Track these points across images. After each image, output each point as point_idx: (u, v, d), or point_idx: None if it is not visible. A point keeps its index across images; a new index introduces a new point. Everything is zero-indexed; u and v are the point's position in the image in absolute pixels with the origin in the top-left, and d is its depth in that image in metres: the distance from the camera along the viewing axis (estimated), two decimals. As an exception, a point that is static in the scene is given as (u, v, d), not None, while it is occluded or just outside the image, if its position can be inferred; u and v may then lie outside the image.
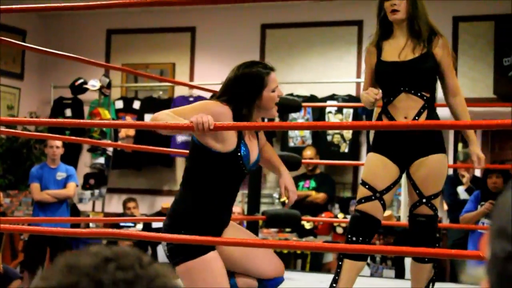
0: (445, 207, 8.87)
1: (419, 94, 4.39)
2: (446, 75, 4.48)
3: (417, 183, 4.41)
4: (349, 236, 4.38)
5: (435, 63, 4.43)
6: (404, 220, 7.91)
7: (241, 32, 10.69)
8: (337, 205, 9.81)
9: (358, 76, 10.07)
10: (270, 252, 4.07)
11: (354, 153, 10.01)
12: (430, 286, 4.56)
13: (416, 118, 4.38)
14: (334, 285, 4.39)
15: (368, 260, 8.17)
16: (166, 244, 3.81)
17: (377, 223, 4.41)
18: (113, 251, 1.12)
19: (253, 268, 3.95)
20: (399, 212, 8.79)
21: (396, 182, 4.46)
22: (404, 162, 4.44)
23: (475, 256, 3.38)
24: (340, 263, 4.39)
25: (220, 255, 3.79)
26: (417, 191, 4.41)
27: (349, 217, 8.80)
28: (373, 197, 4.38)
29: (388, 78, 4.48)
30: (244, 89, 3.80)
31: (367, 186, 4.40)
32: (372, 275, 7.91)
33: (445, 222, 8.93)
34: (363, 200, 4.39)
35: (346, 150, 10.00)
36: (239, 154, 3.79)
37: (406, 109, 4.40)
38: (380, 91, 4.41)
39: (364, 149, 9.95)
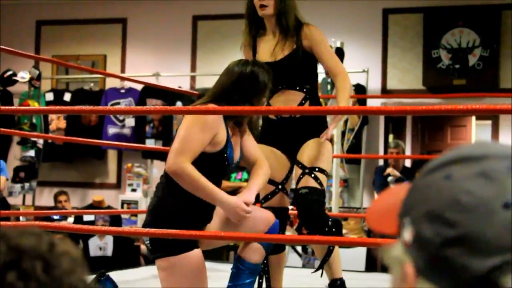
0: (376, 197, 8.99)
1: (297, 88, 4.41)
2: (322, 60, 4.42)
3: (299, 159, 4.37)
4: None
5: (307, 55, 4.41)
6: (335, 212, 7.98)
7: (173, 24, 10.65)
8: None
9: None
10: (257, 209, 4.09)
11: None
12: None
13: None
14: (260, 281, 4.43)
15: (300, 251, 8.23)
16: (149, 238, 3.80)
17: (287, 211, 4.53)
18: (15, 251, 1.02)
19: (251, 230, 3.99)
20: (330, 203, 8.87)
21: (291, 169, 4.50)
22: (291, 150, 4.46)
23: (376, 244, 3.42)
24: (265, 261, 4.43)
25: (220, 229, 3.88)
26: (300, 165, 4.36)
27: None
28: (276, 190, 4.45)
29: None
30: (248, 88, 3.84)
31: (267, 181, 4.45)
32: (304, 266, 7.96)
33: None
34: (269, 196, 4.45)
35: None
36: (225, 155, 3.80)
37: (287, 102, 4.41)
38: None
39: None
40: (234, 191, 8.91)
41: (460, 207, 0.89)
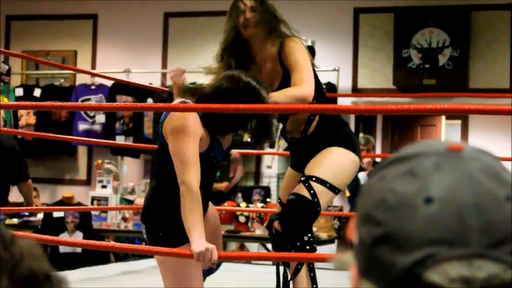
0: (347, 193, 9.01)
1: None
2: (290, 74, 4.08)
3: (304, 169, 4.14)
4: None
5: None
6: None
7: (144, 20, 10.63)
8: (239, 194, 9.86)
9: (261, 65, 10.14)
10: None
11: (257, 142, 10.05)
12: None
13: (307, 127, 4.19)
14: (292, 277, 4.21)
15: (270, 249, 8.23)
16: (146, 227, 3.77)
17: None
18: None
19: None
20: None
21: None
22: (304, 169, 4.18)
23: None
24: (299, 266, 4.14)
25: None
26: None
27: (251, 206, 8.86)
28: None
29: None
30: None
31: (279, 201, 4.33)
32: (274, 264, 7.97)
33: (346, 210, 9.10)
34: (277, 216, 4.11)
35: (250, 139, 10.07)
36: (212, 154, 3.75)
37: (296, 120, 4.23)
38: None
39: (266, 138, 10.00)
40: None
41: (386, 206, 0.91)
